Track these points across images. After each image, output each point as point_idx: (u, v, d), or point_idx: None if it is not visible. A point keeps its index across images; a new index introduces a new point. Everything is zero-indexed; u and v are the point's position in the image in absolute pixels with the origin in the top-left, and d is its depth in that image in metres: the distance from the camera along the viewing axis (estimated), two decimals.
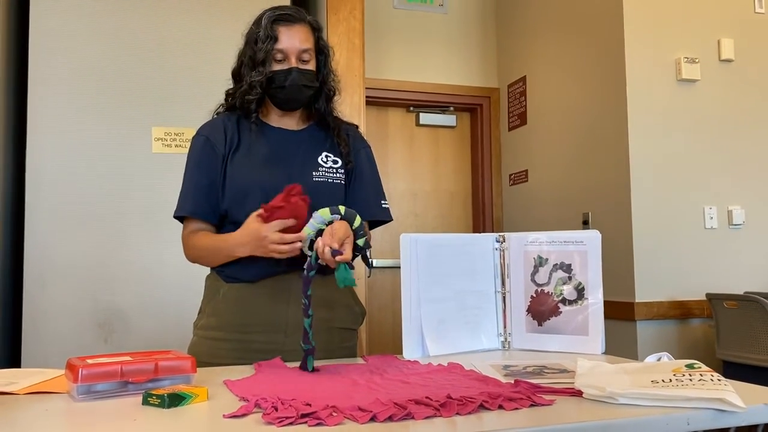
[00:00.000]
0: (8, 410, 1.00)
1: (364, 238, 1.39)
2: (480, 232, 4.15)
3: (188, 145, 1.60)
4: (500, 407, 0.96)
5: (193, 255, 1.58)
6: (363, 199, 1.61)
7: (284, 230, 1.36)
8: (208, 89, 2.62)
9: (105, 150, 2.52)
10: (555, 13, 3.74)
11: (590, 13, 3.41)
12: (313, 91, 1.59)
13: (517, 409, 0.96)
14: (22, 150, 2.49)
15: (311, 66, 1.57)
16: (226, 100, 1.64)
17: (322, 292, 1.53)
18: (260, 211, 1.38)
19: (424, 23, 4.17)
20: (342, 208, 1.37)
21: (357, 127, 1.73)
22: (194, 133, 1.61)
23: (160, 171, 2.55)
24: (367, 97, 3.03)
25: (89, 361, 1.10)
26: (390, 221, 1.66)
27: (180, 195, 1.57)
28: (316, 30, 1.60)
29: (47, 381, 1.20)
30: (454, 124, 4.33)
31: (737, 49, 3.29)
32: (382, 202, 1.65)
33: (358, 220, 1.38)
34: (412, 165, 4.23)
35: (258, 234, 1.39)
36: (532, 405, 0.98)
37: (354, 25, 2.94)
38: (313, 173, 1.55)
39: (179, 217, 1.58)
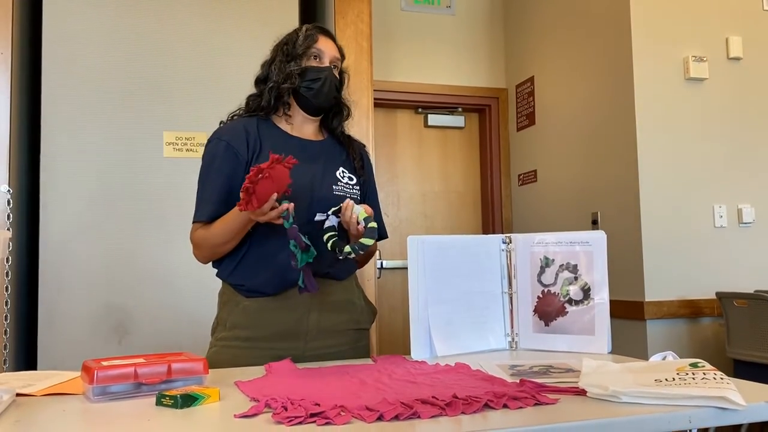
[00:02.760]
0: (27, 411, 1.03)
1: (371, 239, 1.46)
2: (489, 233, 4.17)
3: (199, 149, 1.63)
4: (505, 406, 0.98)
5: (206, 248, 1.54)
6: (377, 219, 1.70)
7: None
8: (219, 94, 2.65)
9: (117, 154, 2.56)
10: (562, 12, 3.75)
11: (598, 13, 3.41)
12: (336, 101, 1.66)
13: (521, 408, 0.97)
14: (36, 154, 2.54)
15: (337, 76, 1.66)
16: (247, 104, 1.67)
17: (336, 297, 1.60)
18: (241, 202, 1.37)
19: (431, 25, 4.19)
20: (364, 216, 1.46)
21: (365, 146, 1.79)
22: (211, 136, 1.61)
23: (172, 175, 2.59)
24: (375, 99, 3.05)
25: (104, 363, 1.13)
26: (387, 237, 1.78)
27: (199, 199, 1.57)
28: (342, 56, 1.69)
29: (64, 383, 1.23)
30: (463, 125, 4.34)
31: (745, 47, 3.28)
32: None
33: (372, 224, 1.47)
34: (420, 166, 4.25)
35: (249, 223, 1.45)
36: (536, 404, 0.99)
37: (362, 28, 2.97)
38: (333, 186, 1.60)
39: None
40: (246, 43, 2.69)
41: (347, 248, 1.44)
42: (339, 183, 1.61)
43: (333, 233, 1.50)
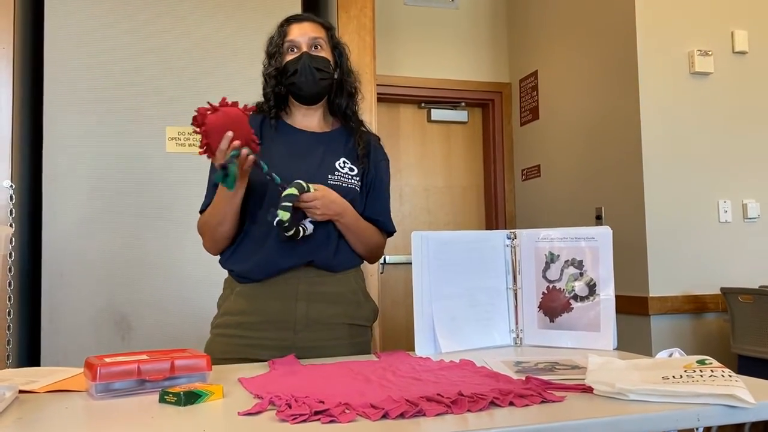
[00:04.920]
0: (29, 408, 1.02)
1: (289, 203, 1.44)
2: (492, 228, 4.16)
3: None
4: (511, 404, 0.97)
5: (207, 234, 1.58)
6: (380, 211, 1.68)
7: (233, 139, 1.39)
8: (222, 89, 2.64)
9: (120, 149, 2.55)
10: (566, 6, 3.72)
11: (602, 7, 3.39)
12: (329, 80, 1.62)
13: (527, 405, 0.96)
14: (38, 150, 2.53)
15: (324, 55, 1.63)
16: (259, 108, 1.69)
17: (326, 288, 1.58)
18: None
19: (434, 19, 4.17)
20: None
21: (379, 139, 1.76)
22: None
23: (175, 170, 2.58)
24: (378, 93, 3.04)
25: (107, 359, 1.12)
26: (394, 233, 1.73)
27: (205, 193, 1.63)
28: (327, 28, 1.67)
29: (66, 379, 1.23)
30: (466, 120, 4.33)
31: (751, 41, 3.26)
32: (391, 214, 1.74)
33: (293, 190, 1.44)
34: (424, 161, 4.24)
35: (232, 193, 1.46)
36: (542, 401, 0.98)
37: (364, 23, 2.95)
38: (329, 176, 1.58)
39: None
40: (249, 37, 2.68)
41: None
42: (336, 173, 1.59)
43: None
